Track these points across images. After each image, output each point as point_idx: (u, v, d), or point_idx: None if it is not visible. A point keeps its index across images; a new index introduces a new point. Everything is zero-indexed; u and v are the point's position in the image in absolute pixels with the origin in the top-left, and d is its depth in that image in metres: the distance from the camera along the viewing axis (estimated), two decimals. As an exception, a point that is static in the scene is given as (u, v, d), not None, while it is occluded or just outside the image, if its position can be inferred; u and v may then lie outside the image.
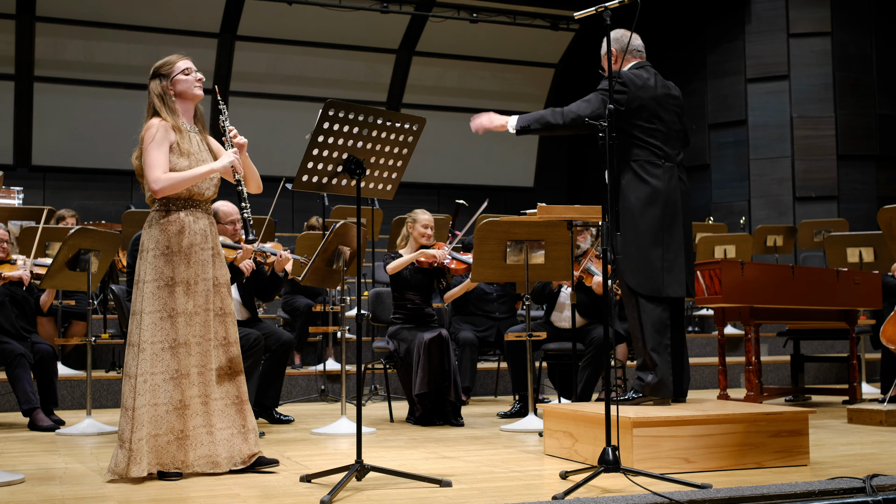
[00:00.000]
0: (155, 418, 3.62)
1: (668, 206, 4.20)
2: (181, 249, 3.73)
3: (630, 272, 4.17)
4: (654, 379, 4.12)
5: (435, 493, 3.31)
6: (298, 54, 12.83)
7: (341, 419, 5.35)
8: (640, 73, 4.28)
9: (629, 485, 3.33)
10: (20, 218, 7.91)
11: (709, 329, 9.74)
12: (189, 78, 3.85)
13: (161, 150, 3.72)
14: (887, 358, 6.44)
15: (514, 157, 14.14)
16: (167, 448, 3.64)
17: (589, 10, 3.79)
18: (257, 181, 3.98)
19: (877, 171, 11.72)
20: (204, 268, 3.77)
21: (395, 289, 5.95)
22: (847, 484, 3.27)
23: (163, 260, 3.72)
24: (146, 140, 3.75)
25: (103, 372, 7.06)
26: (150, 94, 3.85)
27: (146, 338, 3.66)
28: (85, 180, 12.32)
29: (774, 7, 11.85)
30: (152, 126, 3.76)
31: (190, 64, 3.88)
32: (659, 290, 4.17)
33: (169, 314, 3.69)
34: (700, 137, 12.33)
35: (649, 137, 4.22)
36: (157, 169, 3.71)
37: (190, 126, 3.89)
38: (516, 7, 13.02)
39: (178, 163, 3.76)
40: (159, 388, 3.64)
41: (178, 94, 3.86)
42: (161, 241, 3.74)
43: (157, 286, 3.70)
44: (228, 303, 3.86)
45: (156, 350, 3.66)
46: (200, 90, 3.89)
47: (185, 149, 3.78)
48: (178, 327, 3.69)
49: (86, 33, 11.99)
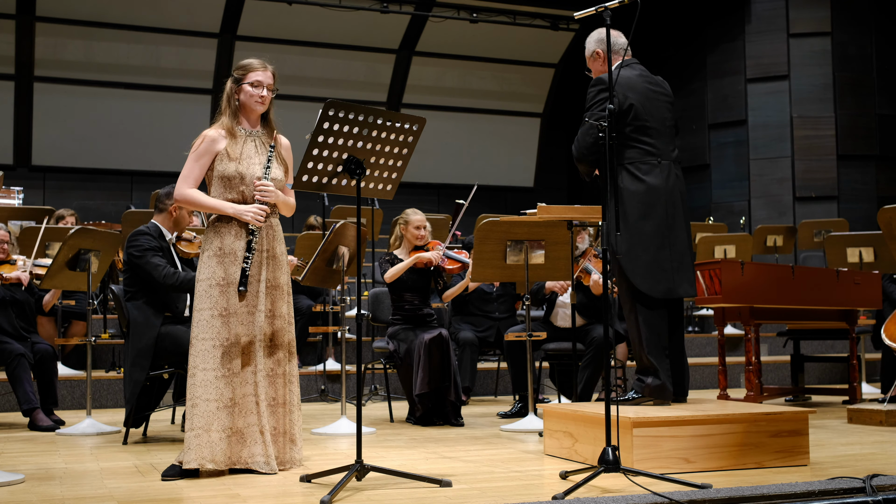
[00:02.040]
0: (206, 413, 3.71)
1: (668, 206, 4.17)
2: (232, 251, 3.81)
3: (640, 276, 4.11)
4: (655, 382, 4.10)
5: (435, 493, 3.31)
6: (298, 54, 12.82)
7: (341, 419, 5.35)
8: (626, 71, 4.23)
9: (629, 485, 3.33)
10: (20, 218, 7.91)
11: (709, 329, 9.74)
12: (254, 92, 3.91)
13: (198, 163, 3.87)
14: (887, 358, 6.44)
15: (514, 157, 14.15)
16: (219, 444, 3.69)
17: (589, 10, 3.79)
18: (290, 209, 4.02)
19: (877, 171, 11.72)
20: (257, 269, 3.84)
21: (393, 290, 5.95)
22: (847, 484, 3.27)
23: (215, 261, 3.80)
24: (191, 149, 3.90)
25: (103, 372, 7.06)
26: (223, 90, 3.98)
27: (196, 334, 3.77)
28: (85, 180, 12.32)
29: (774, 7, 11.85)
30: (200, 137, 3.89)
31: (263, 77, 3.93)
32: (671, 291, 4.15)
33: (220, 313, 3.77)
34: (700, 137, 12.33)
35: (642, 136, 4.18)
36: (187, 180, 3.87)
37: (248, 130, 3.94)
38: (516, 7, 13.02)
39: (226, 167, 3.84)
40: (210, 384, 3.72)
41: (240, 102, 3.93)
42: (215, 243, 3.82)
43: (209, 285, 3.79)
44: (279, 305, 3.90)
45: (206, 347, 3.74)
46: (261, 107, 3.94)
47: (235, 154, 3.85)
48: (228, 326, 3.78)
49: (86, 33, 11.99)
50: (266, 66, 3.97)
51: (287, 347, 3.92)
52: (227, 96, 3.95)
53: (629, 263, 4.11)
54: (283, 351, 3.91)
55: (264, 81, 3.93)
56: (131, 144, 12.14)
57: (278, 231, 3.96)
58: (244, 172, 3.85)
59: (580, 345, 5.86)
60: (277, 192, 3.90)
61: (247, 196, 3.86)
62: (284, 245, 4.01)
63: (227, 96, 3.95)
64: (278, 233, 3.96)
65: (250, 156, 3.89)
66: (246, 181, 3.85)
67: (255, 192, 3.84)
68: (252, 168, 3.87)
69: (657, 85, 4.33)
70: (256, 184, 3.84)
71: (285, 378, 3.91)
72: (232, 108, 3.93)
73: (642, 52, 4.36)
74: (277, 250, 3.93)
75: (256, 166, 3.88)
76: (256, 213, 3.81)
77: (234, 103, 3.93)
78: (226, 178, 3.85)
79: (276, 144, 3.95)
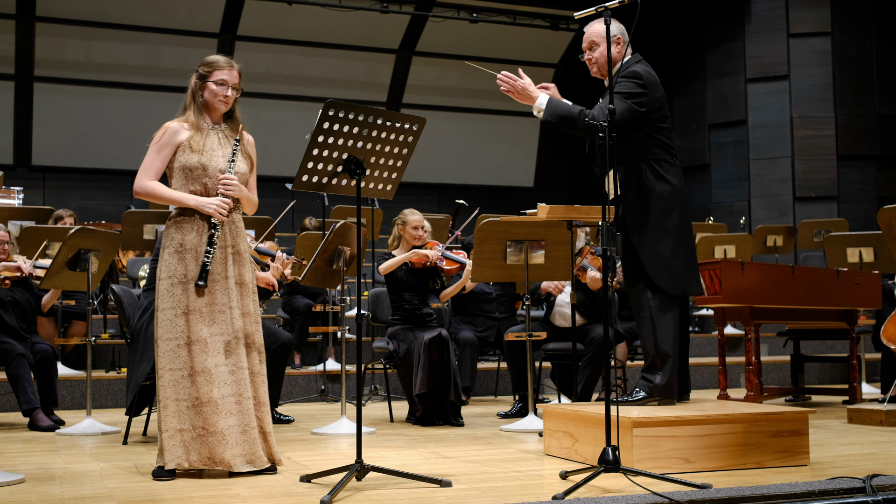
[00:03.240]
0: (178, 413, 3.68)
1: (685, 205, 4.21)
2: (194, 247, 3.76)
3: (662, 274, 4.11)
4: (663, 380, 4.10)
5: (435, 493, 3.31)
6: (298, 54, 12.83)
7: (341, 419, 5.35)
8: (648, 68, 4.23)
9: (629, 485, 3.32)
10: (20, 218, 7.91)
11: (709, 329, 9.74)
12: (218, 91, 3.85)
13: (160, 155, 3.80)
14: (887, 358, 6.44)
15: (514, 157, 14.15)
16: (192, 444, 3.66)
17: (589, 10, 3.79)
18: (252, 206, 3.98)
19: (877, 171, 11.72)
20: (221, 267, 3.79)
21: (392, 290, 5.95)
22: (847, 484, 3.27)
23: (176, 258, 3.76)
24: (153, 141, 3.83)
25: (103, 372, 7.06)
26: (188, 84, 3.91)
27: (161, 334, 3.72)
28: (85, 180, 12.32)
29: (774, 7, 11.85)
30: (162, 129, 3.83)
31: (228, 76, 3.86)
32: (684, 289, 4.18)
33: (183, 311, 3.72)
34: (700, 137, 12.33)
35: (664, 137, 4.20)
36: (147, 172, 3.81)
37: (212, 125, 3.89)
38: (516, 7, 13.02)
39: (188, 158, 3.79)
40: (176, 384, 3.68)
41: (204, 99, 3.88)
42: (176, 238, 3.77)
43: (171, 283, 3.74)
44: (246, 303, 3.85)
45: (171, 346, 3.70)
46: (224, 106, 3.88)
47: (197, 146, 3.80)
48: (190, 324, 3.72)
49: (86, 33, 11.99)
50: (232, 64, 3.90)
51: (258, 345, 3.86)
52: (191, 92, 3.88)
53: (652, 260, 4.11)
54: (256, 349, 3.85)
55: (229, 81, 3.86)
56: (131, 144, 12.03)
57: (241, 227, 3.90)
58: (207, 164, 3.79)
59: (580, 345, 5.86)
60: (241, 187, 3.84)
61: (209, 189, 3.80)
62: (248, 242, 3.95)
63: (192, 92, 3.88)
64: (241, 229, 3.90)
65: (213, 148, 3.83)
66: (209, 173, 3.79)
67: (218, 186, 3.79)
68: (215, 160, 3.81)
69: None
70: (220, 177, 3.79)
71: (262, 376, 3.86)
72: (196, 105, 3.87)
73: (642, 52, 4.36)
74: (241, 247, 3.87)
75: (220, 159, 3.82)
76: (219, 206, 3.75)
77: (199, 100, 3.87)
78: (188, 168, 3.79)
79: (240, 139, 3.89)
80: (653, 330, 4.14)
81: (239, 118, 3.96)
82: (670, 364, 4.10)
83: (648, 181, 4.15)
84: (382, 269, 5.85)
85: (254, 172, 3.98)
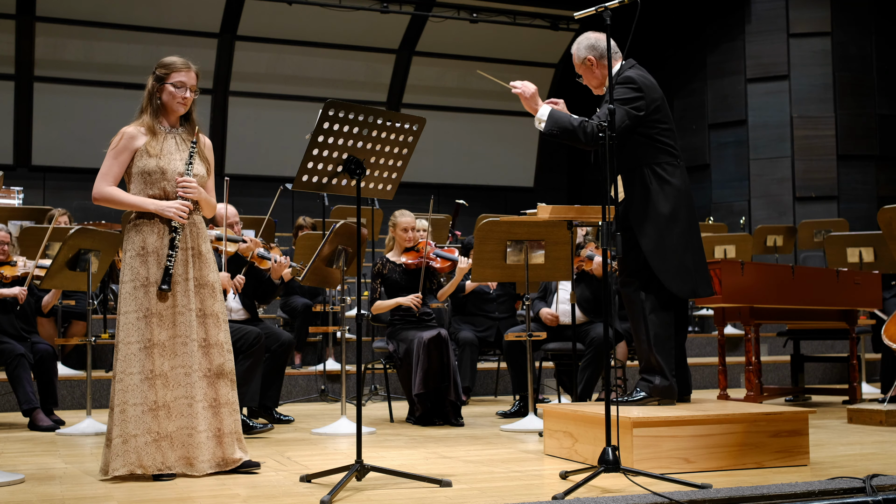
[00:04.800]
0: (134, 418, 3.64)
1: (690, 207, 4.21)
2: (155, 250, 3.76)
3: (670, 277, 4.10)
4: (663, 382, 4.10)
5: (435, 493, 3.31)
6: (298, 54, 12.82)
7: (341, 419, 5.35)
8: (642, 72, 4.24)
9: (629, 485, 3.32)
10: (20, 218, 7.91)
11: (709, 329, 9.75)
12: (176, 93, 3.83)
13: (117, 161, 3.81)
14: (887, 358, 6.44)
15: (514, 157, 14.15)
16: (146, 449, 3.63)
17: (589, 10, 3.78)
18: (211, 209, 3.97)
19: (877, 171, 11.72)
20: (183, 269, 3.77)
21: (388, 293, 5.95)
22: (847, 484, 3.27)
23: (138, 261, 3.74)
24: (110, 146, 3.83)
25: (103, 372, 7.06)
26: (146, 86, 3.89)
27: (122, 337, 3.69)
28: (85, 180, 12.20)
29: (774, 7, 11.85)
30: (119, 134, 3.83)
31: (186, 78, 3.85)
32: (694, 291, 4.17)
33: (145, 314, 3.70)
34: (700, 137, 12.33)
35: (665, 138, 4.19)
36: (105, 178, 3.82)
37: (168, 128, 3.88)
38: (516, 7, 13.02)
39: (146, 163, 3.78)
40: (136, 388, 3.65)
41: (161, 101, 3.86)
42: (136, 242, 3.76)
43: (133, 287, 3.72)
44: (210, 304, 3.83)
45: (132, 350, 3.68)
46: (182, 108, 3.87)
47: (155, 150, 3.79)
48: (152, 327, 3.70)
49: (86, 33, 11.99)
50: (190, 66, 3.89)
51: (221, 346, 3.82)
52: (148, 94, 3.87)
53: (660, 264, 4.10)
54: (218, 349, 3.80)
55: (187, 82, 3.85)
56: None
57: (202, 228, 3.90)
58: (165, 168, 3.78)
59: (580, 345, 5.86)
60: (200, 189, 3.83)
61: (168, 192, 3.80)
62: (210, 243, 3.94)
63: (149, 94, 3.86)
64: (202, 230, 3.89)
65: (171, 152, 3.83)
66: (167, 177, 3.79)
67: (177, 189, 3.78)
68: (173, 164, 3.81)
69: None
70: (178, 180, 3.78)
71: (225, 377, 3.81)
72: (153, 107, 3.85)
73: (642, 52, 4.36)
74: (203, 248, 3.86)
75: (178, 162, 3.82)
76: (179, 209, 3.75)
77: (156, 102, 3.85)
78: (146, 173, 3.78)
79: (197, 141, 3.88)
80: (646, 331, 4.14)
81: (195, 120, 3.95)
82: (667, 364, 4.11)
83: (653, 186, 4.14)
84: (374, 309, 5.85)
85: (211, 175, 3.97)
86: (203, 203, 3.90)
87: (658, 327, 4.12)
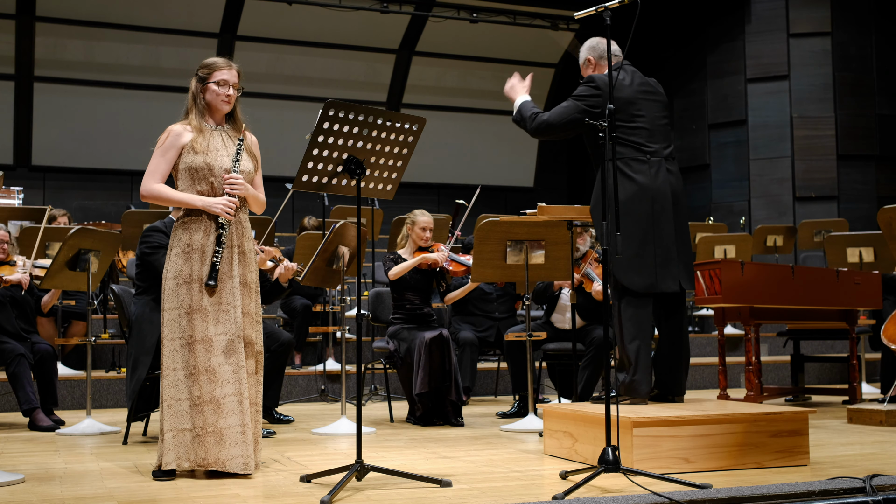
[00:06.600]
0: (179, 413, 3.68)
1: (656, 202, 4.21)
2: (201, 247, 3.77)
3: (622, 270, 4.16)
4: (627, 378, 4.14)
5: (435, 493, 3.31)
6: (298, 54, 12.83)
7: (341, 419, 5.35)
8: (622, 74, 4.32)
9: (629, 485, 3.33)
10: (20, 218, 7.91)
11: (709, 329, 9.74)
12: (220, 91, 3.84)
13: (165, 158, 3.81)
14: (887, 358, 6.44)
15: (514, 157, 14.15)
16: (192, 444, 3.65)
17: (589, 10, 3.79)
18: (260, 205, 3.98)
19: (877, 171, 11.72)
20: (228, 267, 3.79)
21: (395, 290, 5.95)
22: (847, 484, 3.27)
23: (182, 258, 3.76)
24: (157, 144, 3.84)
25: (103, 372, 7.06)
26: (188, 89, 3.91)
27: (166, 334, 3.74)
28: (85, 180, 12.32)
29: (774, 7, 11.85)
30: (165, 132, 3.84)
31: (228, 76, 3.86)
32: (653, 286, 4.18)
33: (187, 311, 3.72)
34: (700, 137, 12.33)
35: (631, 135, 4.25)
36: (153, 175, 3.81)
37: (215, 126, 3.89)
38: (516, 7, 13.02)
39: (193, 159, 3.79)
40: (181, 383, 3.69)
41: (206, 101, 3.87)
42: (183, 239, 3.78)
43: (176, 283, 3.74)
44: (247, 303, 3.85)
45: (175, 346, 3.71)
46: (227, 106, 3.88)
47: (201, 147, 3.80)
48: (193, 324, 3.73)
49: (86, 33, 11.99)
50: (231, 64, 3.90)
51: (254, 345, 3.84)
52: (192, 95, 3.88)
53: (612, 258, 4.13)
54: (255, 351, 3.85)
55: (230, 80, 3.86)
56: (131, 144, 12.12)
57: (247, 227, 3.91)
58: (212, 164, 3.79)
59: (580, 345, 5.86)
60: (247, 186, 3.84)
61: (216, 188, 3.81)
62: (253, 243, 3.95)
63: (193, 96, 3.88)
64: (247, 229, 3.90)
65: (217, 148, 3.83)
66: (215, 172, 3.79)
67: (224, 185, 3.79)
68: (220, 160, 3.81)
69: (648, 85, 4.41)
70: (225, 176, 3.79)
71: (257, 378, 3.86)
72: (198, 108, 3.86)
73: (642, 52, 4.39)
74: (246, 247, 3.87)
75: (225, 158, 3.82)
76: (226, 205, 3.75)
77: (201, 103, 3.87)
78: (193, 169, 3.79)
79: (244, 138, 3.89)
80: (619, 326, 4.18)
81: (241, 118, 3.96)
82: (639, 361, 4.12)
83: (609, 180, 4.16)
84: (391, 274, 5.86)
85: (259, 171, 3.98)
86: (251, 199, 3.91)
87: (629, 323, 4.16)
